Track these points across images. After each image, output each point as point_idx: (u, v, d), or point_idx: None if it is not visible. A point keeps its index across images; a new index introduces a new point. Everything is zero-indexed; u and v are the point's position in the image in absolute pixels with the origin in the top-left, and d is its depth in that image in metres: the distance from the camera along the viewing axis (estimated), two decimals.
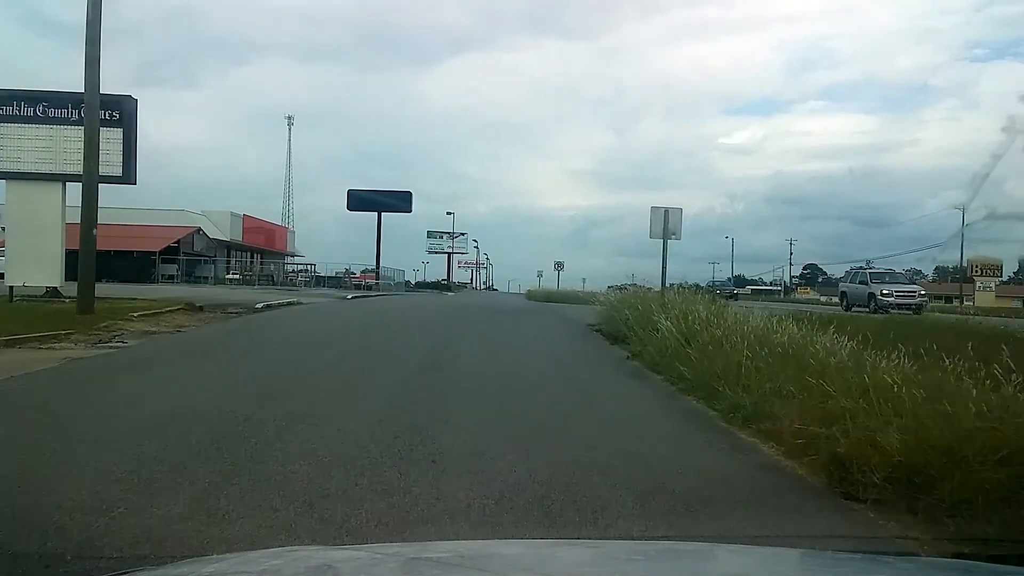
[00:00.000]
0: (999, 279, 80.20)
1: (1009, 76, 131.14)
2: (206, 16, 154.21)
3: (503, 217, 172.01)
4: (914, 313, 18.00)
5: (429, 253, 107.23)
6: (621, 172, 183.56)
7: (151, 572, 1.87)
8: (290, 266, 70.33)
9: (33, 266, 19.30)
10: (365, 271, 59.43)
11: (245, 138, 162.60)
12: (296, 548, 2.00)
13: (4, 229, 22.66)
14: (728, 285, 42.40)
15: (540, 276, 73.56)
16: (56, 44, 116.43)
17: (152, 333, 13.52)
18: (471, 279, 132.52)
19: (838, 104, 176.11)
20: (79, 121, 17.95)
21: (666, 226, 14.17)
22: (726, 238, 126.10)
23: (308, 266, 71.05)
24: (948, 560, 3.03)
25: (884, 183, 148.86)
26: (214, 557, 2.04)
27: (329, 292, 37.11)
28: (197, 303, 18.07)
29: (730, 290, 36.38)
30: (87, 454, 5.03)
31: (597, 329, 15.72)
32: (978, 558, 3.10)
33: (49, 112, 19.84)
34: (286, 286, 50.93)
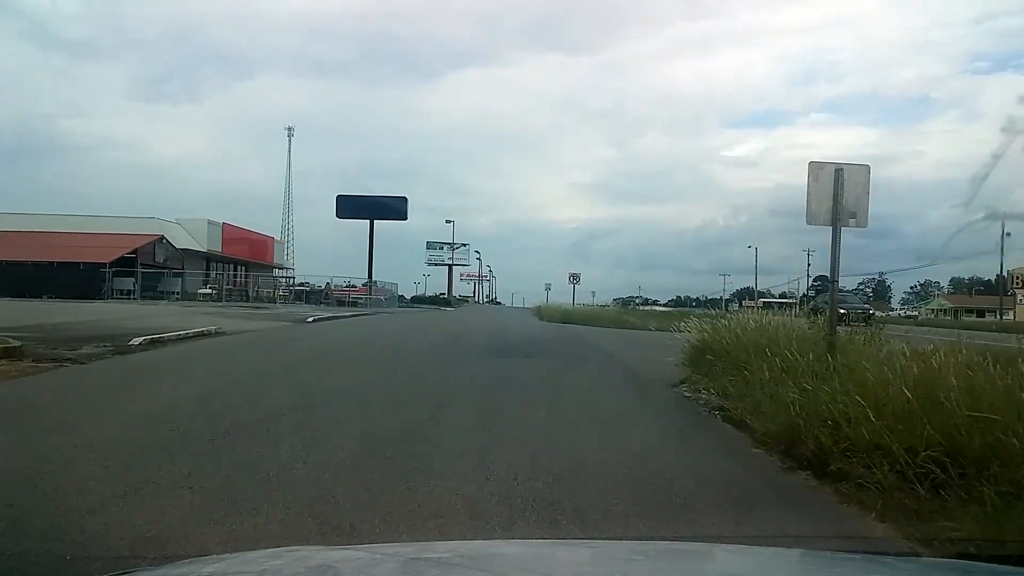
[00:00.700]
0: None
1: (1011, 88, 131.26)
2: (207, 31, 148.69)
3: (506, 230, 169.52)
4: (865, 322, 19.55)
5: (428, 265, 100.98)
6: (623, 185, 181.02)
7: (151, 572, 1.75)
8: (284, 279, 64.18)
9: None
10: (350, 285, 52.68)
11: (248, 151, 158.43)
12: (296, 548, 1.92)
13: None
14: (854, 299, 33.79)
15: (548, 289, 67.05)
16: None
17: None
18: (473, 292, 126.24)
19: (840, 116, 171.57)
20: None
21: (838, 202, 6.79)
22: (748, 247, 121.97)
23: (290, 279, 64.64)
24: (948, 560, 2.93)
25: (886, 195, 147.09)
26: (214, 557, 1.98)
27: (298, 311, 30.58)
28: (22, 339, 10.60)
29: (862, 309, 27.00)
30: None
31: (716, 409, 7.19)
32: (978, 558, 3.09)
33: None
34: (260, 302, 44.41)
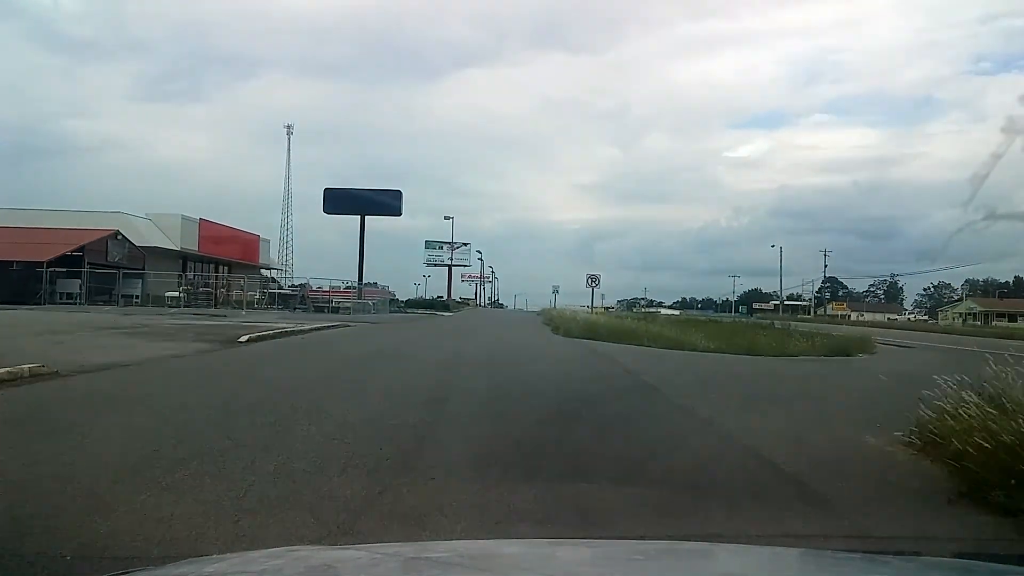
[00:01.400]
0: None
1: (1015, 88, 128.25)
2: (211, 32, 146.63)
3: (508, 231, 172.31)
4: None
5: (427, 265, 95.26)
6: (627, 186, 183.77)
7: (151, 572, 1.73)
8: (266, 281, 58.19)
9: None
10: (338, 287, 46.71)
11: (253, 151, 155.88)
12: (296, 548, 1.94)
13: None
14: None
15: (556, 292, 61.07)
16: None
17: None
18: (475, 294, 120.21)
19: (844, 118, 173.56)
20: None
21: None
22: (772, 246, 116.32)
23: (273, 281, 58.89)
24: (948, 560, 2.70)
25: (890, 196, 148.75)
26: (214, 557, 1.93)
27: (258, 320, 24.65)
28: None
29: None
30: None
31: None
32: (978, 558, 3.06)
33: None
34: (231, 306, 38.57)
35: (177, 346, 13.35)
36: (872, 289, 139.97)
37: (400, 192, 55.64)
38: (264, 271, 70.87)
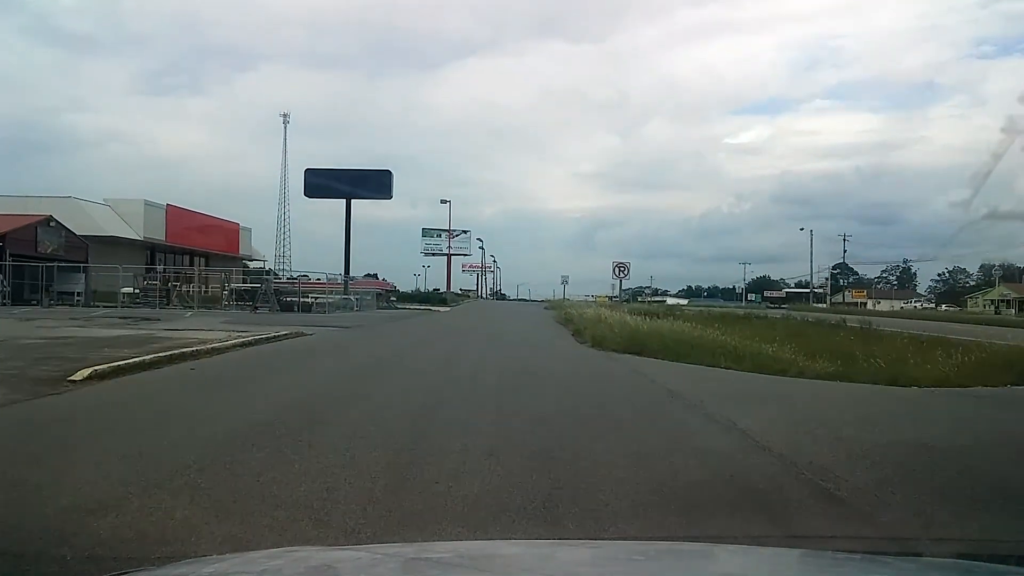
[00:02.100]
0: None
1: (1016, 73, 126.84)
2: (209, 25, 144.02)
3: (509, 220, 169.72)
4: None
5: (425, 255, 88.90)
6: (627, 174, 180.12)
7: (151, 572, 1.77)
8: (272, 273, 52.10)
9: None
10: (299, 278, 40.52)
11: (250, 145, 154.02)
12: (296, 548, 1.95)
13: None
14: None
15: (565, 283, 54.58)
16: None
17: None
18: (476, 285, 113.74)
19: (845, 103, 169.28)
20: None
21: None
22: (800, 229, 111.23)
23: (268, 273, 52.73)
24: (948, 560, 2.84)
25: (892, 182, 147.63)
26: (214, 557, 1.95)
27: (184, 329, 18.42)
28: None
29: None
30: None
31: None
32: (978, 558, 2.99)
33: None
34: (185, 305, 32.35)
35: None
36: (884, 275, 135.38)
37: (390, 172, 49.25)
38: (252, 263, 64.94)
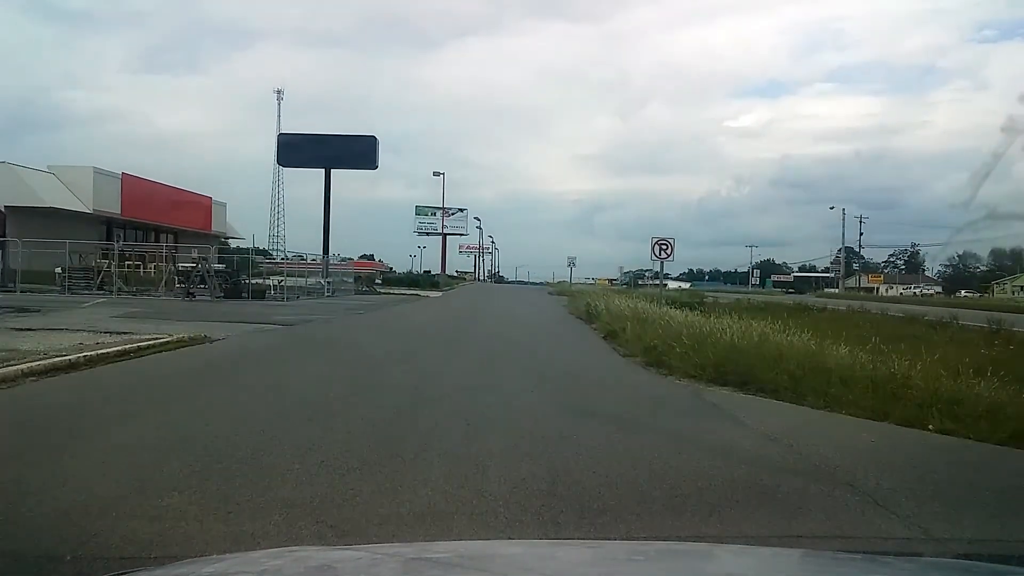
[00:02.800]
0: None
1: (1018, 57, 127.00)
2: (206, 2, 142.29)
3: (508, 202, 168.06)
4: None
5: (419, 234, 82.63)
6: (627, 157, 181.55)
7: (151, 572, 1.72)
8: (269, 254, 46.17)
9: None
10: (287, 258, 34.56)
11: (248, 123, 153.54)
12: (296, 548, 1.94)
13: None
14: None
15: (573, 264, 48.66)
16: None
17: None
18: (474, 267, 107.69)
19: (846, 86, 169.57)
20: None
21: None
22: (831, 208, 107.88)
23: (267, 254, 46.42)
24: (948, 560, 2.83)
25: (892, 166, 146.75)
26: (214, 557, 1.92)
27: (49, 327, 12.59)
28: None
29: None
30: None
31: None
32: (978, 558, 3.05)
33: None
34: (112, 290, 26.41)
35: None
36: (892, 259, 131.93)
37: (374, 139, 43.03)
38: (232, 241, 58.89)
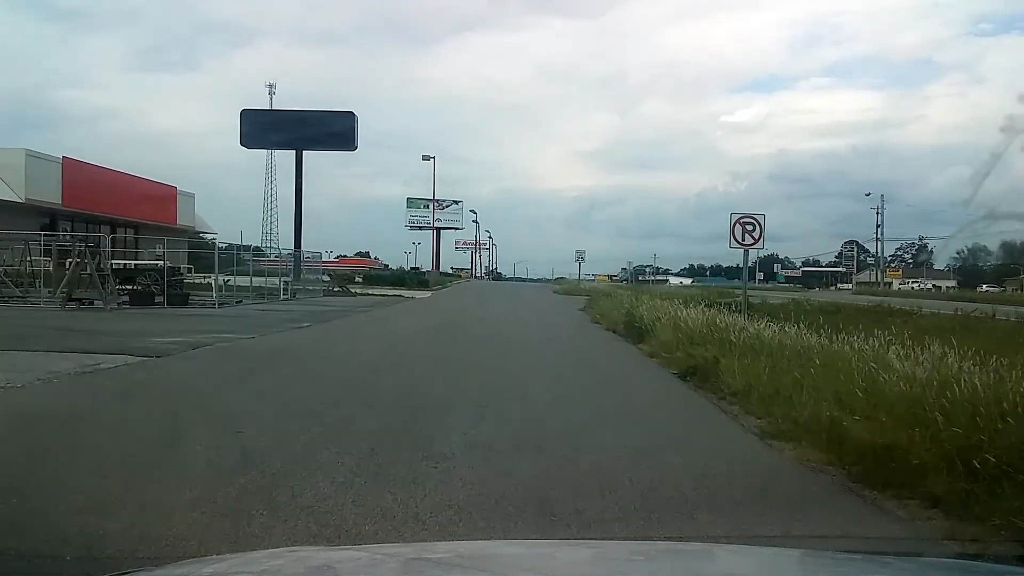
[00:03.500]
0: None
1: (1015, 51, 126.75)
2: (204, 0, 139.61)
3: (506, 199, 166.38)
4: None
5: (411, 229, 76.83)
6: (625, 153, 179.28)
7: (151, 572, 1.65)
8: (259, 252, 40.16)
9: None
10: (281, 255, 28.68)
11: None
12: (296, 548, 1.91)
13: None
14: None
15: (582, 260, 42.46)
16: None
17: None
18: (471, 263, 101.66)
19: (843, 81, 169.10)
20: None
21: None
22: (867, 194, 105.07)
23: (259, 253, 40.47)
24: (948, 560, 2.71)
25: (889, 160, 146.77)
26: (214, 557, 1.87)
27: None
28: None
29: None
30: None
31: None
32: (978, 558, 2.97)
33: None
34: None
35: None
36: (899, 252, 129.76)
37: (352, 115, 36.91)
38: (207, 236, 52.80)
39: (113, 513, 3.60)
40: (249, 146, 37.70)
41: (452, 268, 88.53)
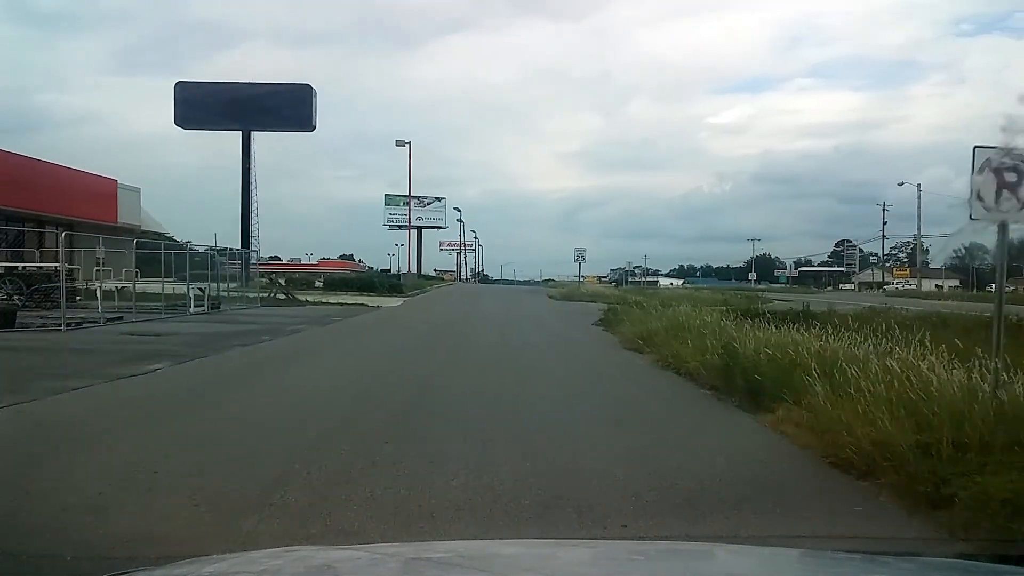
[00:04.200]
0: None
1: (995, 51, 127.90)
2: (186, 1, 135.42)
3: (492, 201, 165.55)
4: None
5: (390, 228, 70.81)
6: (611, 154, 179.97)
7: (151, 572, 1.64)
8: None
9: None
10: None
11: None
12: (296, 548, 1.84)
13: None
14: None
15: (582, 259, 36.35)
16: None
17: None
18: (456, 265, 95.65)
19: (827, 82, 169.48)
20: None
21: None
22: (900, 184, 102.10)
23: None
24: (948, 560, 2.62)
25: (873, 160, 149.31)
26: (214, 557, 1.76)
27: None
28: None
29: None
30: None
31: None
32: (978, 558, 2.94)
33: None
34: None
35: None
36: (894, 252, 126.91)
37: (309, 88, 30.88)
38: (160, 236, 46.47)
39: None
40: (186, 126, 31.65)
41: (436, 270, 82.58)
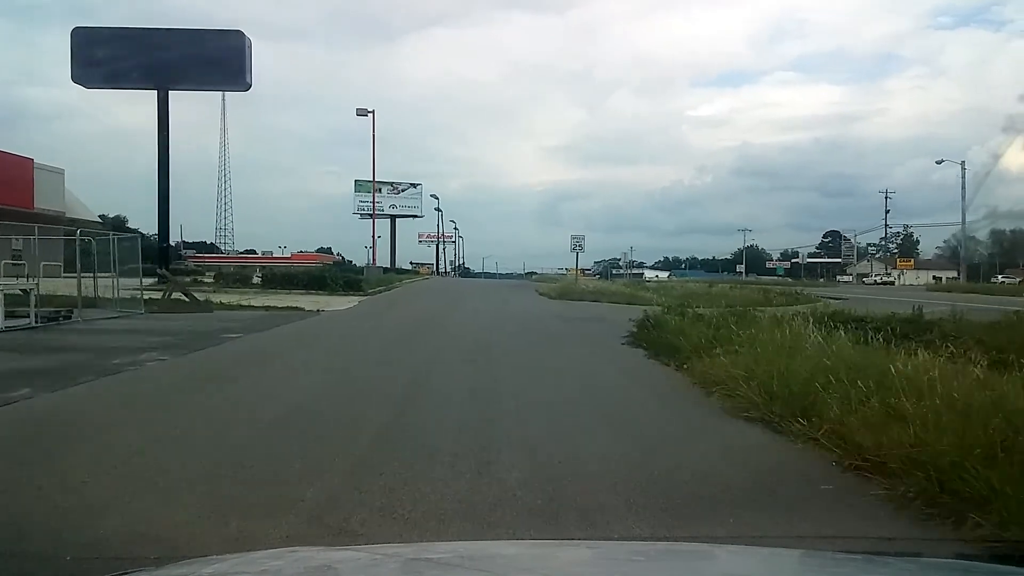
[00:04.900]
0: None
1: (974, 43, 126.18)
2: None
3: (475, 194, 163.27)
4: None
5: (361, 217, 64.74)
6: (593, 147, 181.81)
7: (151, 572, 1.62)
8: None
9: None
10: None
11: (213, 119, 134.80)
12: (296, 548, 1.83)
13: None
14: None
15: (579, 250, 30.46)
16: None
17: None
18: (435, 258, 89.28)
19: (807, 75, 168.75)
20: None
21: None
22: (938, 162, 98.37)
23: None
24: (948, 560, 2.62)
25: (852, 153, 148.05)
26: (214, 557, 1.76)
27: None
28: None
29: None
30: None
31: None
32: (978, 558, 2.95)
33: None
34: None
35: None
36: (883, 242, 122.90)
37: (240, 35, 24.75)
38: (86, 223, 40.10)
39: None
40: (86, 83, 25.48)
41: (412, 263, 76.40)
